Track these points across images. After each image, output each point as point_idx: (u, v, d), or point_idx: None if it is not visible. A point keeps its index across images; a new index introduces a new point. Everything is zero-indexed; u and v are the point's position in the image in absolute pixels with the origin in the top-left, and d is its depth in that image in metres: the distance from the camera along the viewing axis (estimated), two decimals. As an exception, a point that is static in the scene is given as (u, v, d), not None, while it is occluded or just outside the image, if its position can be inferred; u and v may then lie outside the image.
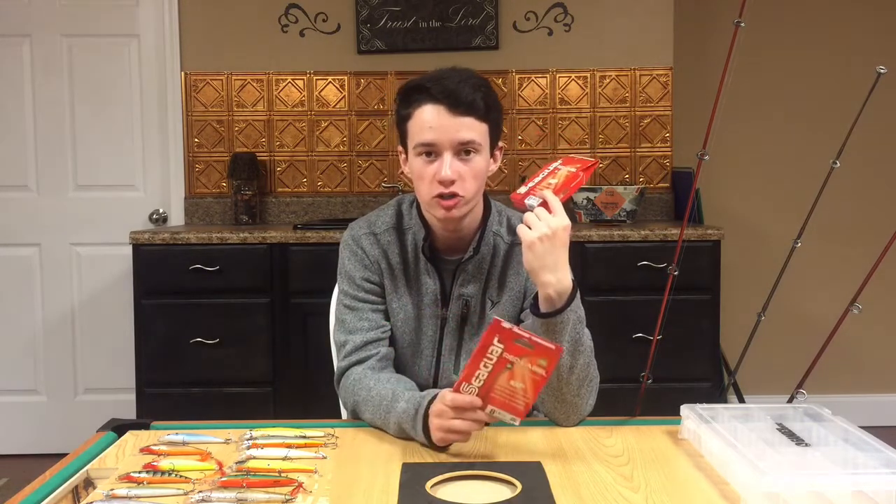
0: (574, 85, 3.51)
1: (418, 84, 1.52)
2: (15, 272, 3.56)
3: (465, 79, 1.51)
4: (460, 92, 1.48)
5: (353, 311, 1.60)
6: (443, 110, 1.48)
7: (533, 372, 1.24)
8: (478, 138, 1.50)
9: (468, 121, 1.49)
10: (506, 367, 1.24)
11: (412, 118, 1.52)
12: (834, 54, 3.72)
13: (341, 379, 1.58)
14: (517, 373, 1.25)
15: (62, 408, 3.56)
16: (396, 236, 1.62)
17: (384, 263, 1.62)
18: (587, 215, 3.27)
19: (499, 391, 1.26)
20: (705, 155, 1.47)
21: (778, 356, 3.29)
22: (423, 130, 1.49)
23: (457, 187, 1.49)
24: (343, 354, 1.58)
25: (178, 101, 3.51)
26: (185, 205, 3.54)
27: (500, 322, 1.24)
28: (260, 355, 2.97)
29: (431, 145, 1.49)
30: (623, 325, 2.89)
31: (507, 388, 1.26)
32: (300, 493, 1.14)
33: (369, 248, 1.62)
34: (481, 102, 1.50)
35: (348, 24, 3.49)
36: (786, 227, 1.91)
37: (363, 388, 1.50)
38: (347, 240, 1.65)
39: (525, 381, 1.25)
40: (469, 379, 1.27)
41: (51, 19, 3.51)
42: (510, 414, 1.27)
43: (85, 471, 1.25)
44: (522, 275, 1.60)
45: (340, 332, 1.61)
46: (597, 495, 1.15)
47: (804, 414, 1.30)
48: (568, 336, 1.39)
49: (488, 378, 1.26)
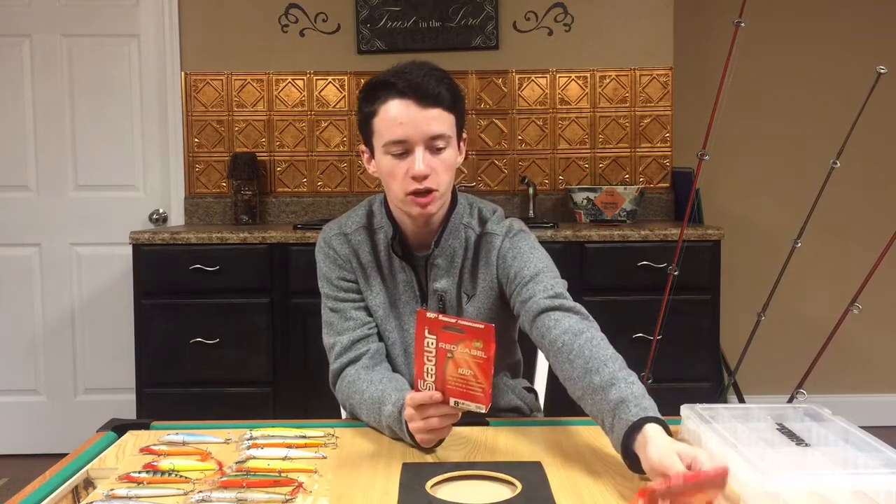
0: (574, 85, 3.51)
1: (382, 80, 1.50)
2: (15, 272, 3.56)
3: (428, 71, 1.49)
4: (426, 84, 1.46)
5: (337, 312, 1.60)
6: (411, 104, 1.46)
7: (473, 356, 1.21)
8: (447, 131, 1.49)
9: (436, 112, 1.47)
10: (447, 356, 1.22)
11: (377, 115, 1.49)
12: (834, 54, 3.72)
13: (336, 381, 1.58)
14: (459, 360, 1.22)
15: (62, 408, 3.56)
16: (367, 235, 1.62)
17: (355, 262, 1.62)
18: (587, 215, 3.27)
19: (452, 382, 1.24)
20: (705, 155, 1.47)
21: (778, 356, 3.29)
22: (393, 126, 1.47)
23: (430, 182, 1.48)
24: (334, 356, 1.59)
25: (178, 101, 3.51)
26: (185, 205, 3.54)
27: (423, 313, 1.23)
28: (260, 355, 2.97)
29: (403, 142, 1.47)
30: (623, 326, 2.89)
31: (458, 378, 1.23)
32: (300, 493, 1.14)
33: (339, 248, 1.63)
34: (447, 94, 1.49)
35: (348, 24, 3.49)
36: (786, 226, 1.91)
37: (356, 391, 1.51)
38: (320, 242, 1.66)
39: (471, 367, 1.21)
40: (421, 375, 1.26)
41: (50, 19, 3.51)
42: (473, 403, 1.23)
43: (85, 471, 1.25)
44: (492, 265, 1.57)
45: (329, 334, 1.61)
46: (597, 495, 1.15)
47: (804, 414, 1.30)
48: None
49: (437, 371, 1.24)
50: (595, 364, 1.31)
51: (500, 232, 1.59)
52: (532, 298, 1.48)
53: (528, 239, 1.59)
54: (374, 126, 1.51)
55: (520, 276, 1.52)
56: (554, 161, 3.53)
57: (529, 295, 1.49)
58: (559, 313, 1.43)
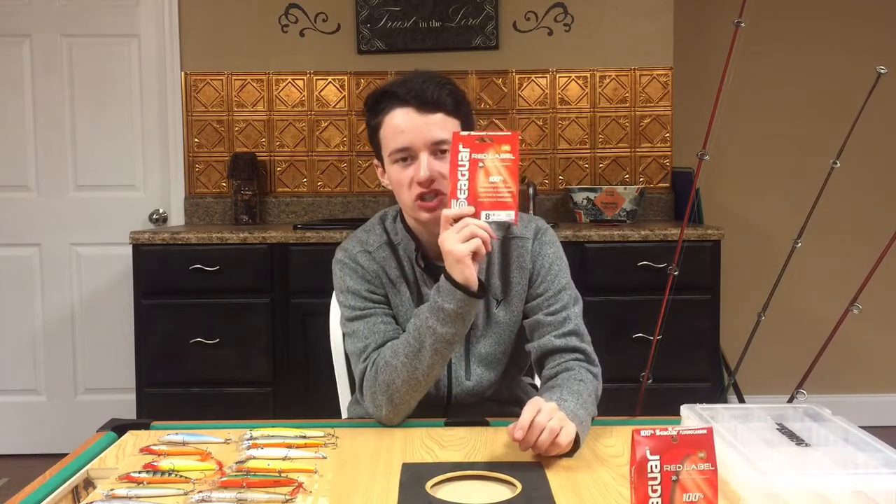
0: (574, 85, 3.51)
1: (384, 91, 1.53)
2: (15, 272, 3.56)
3: (428, 78, 1.51)
4: (426, 90, 1.48)
5: (364, 320, 1.55)
6: (412, 111, 1.48)
7: (502, 160, 1.35)
8: (450, 135, 1.48)
9: (438, 117, 1.49)
10: (479, 166, 1.35)
11: (383, 125, 1.52)
12: (834, 54, 3.72)
13: (364, 378, 1.51)
14: (490, 167, 1.35)
15: (62, 408, 3.56)
16: (391, 251, 1.61)
17: (385, 278, 1.59)
18: (587, 215, 3.27)
19: (484, 193, 1.35)
20: (705, 155, 1.47)
21: (778, 356, 3.29)
22: (396, 135, 1.49)
23: (436, 186, 1.48)
24: (363, 357, 1.53)
25: (178, 101, 3.51)
26: (185, 205, 3.54)
27: (457, 133, 1.38)
28: (260, 355, 2.97)
29: (406, 149, 1.49)
30: (623, 325, 2.89)
31: (489, 187, 1.35)
32: (300, 493, 1.14)
33: (367, 265, 1.59)
34: (448, 98, 1.50)
35: (348, 24, 3.49)
36: (786, 226, 1.91)
37: (387, 347, 1.49)
38: (343, 259, 1.61)
39: (500, 172, 1.35)
40: (455, 195, 1.36)
41: (50, 19, 3.51)
42: (504, 211, 1.35)
43: (85, 471, 1.25)
44: (526, 269, 1.59)
45: (356, 341, 1.55)
46: (597, 495, 1.15)
47: (804, 414, 1.30)
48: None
49: (470, 185, 1.35)
50: (553, 384, 1.46)
51: (529, 235, 1.61)
52: (546, 336, 1.55)
53: (553, 245, 1.63)
54: (381, 137, 1.53)
55: (544, 295, 1.58)
56: (554, 161, 3.53)
57: (545, 329, 1.56)
58: (566, 354, 1.53)
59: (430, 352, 1.43)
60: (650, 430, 1.00)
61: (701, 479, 1.01)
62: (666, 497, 1.00)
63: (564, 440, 1.26)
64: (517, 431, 1.25)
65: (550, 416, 1.26)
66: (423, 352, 1.43)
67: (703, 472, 1.00)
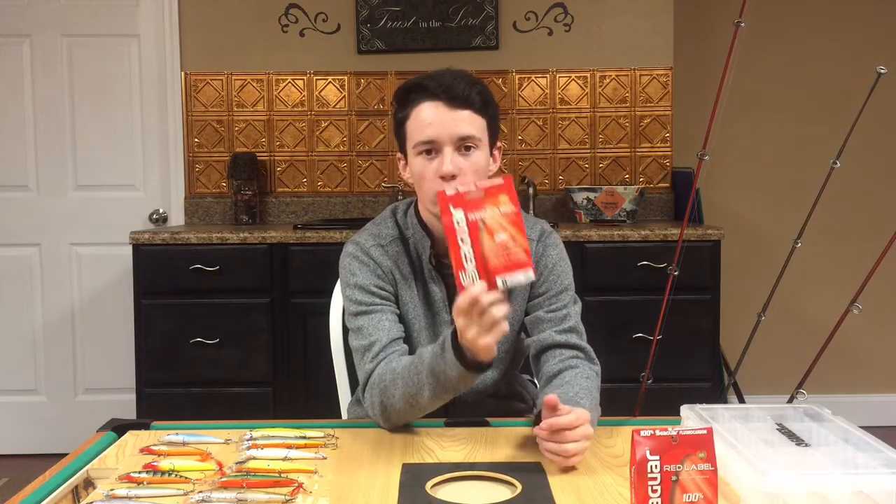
0: (574, 85, 3.51)
1: (415, 83, 1.53)
2: (15, 272, 3.56)
3: (460, 76, 1.52)
4: (457, 86, 1.49)
5: (370, 315, 1.54)
6: (440, 105, 1.49)
7: (503, 213, 1.20)
8: (476, 133, 1.50)
9: (466, 114, 1.49)
10: (479, 227, 1.20)
11: (410, 118, 1.53)
12: (834, 54, 3.72)
13: (368, 379, 1.50)
14: (493, 225, 1.20)
15: (62, 408, 3.56)
16: (403, 247, 1.60)
17: (397, 274, 1.59)
18: (587, 215, 3.27)
19: (493, 255, 1.20)
20: (705, 155, 1.47)
21: (778, 356, 3.29)
22: (423, 128, 1.50)
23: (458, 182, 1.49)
24: (370, 356, 1.51)
25: (178, 101, 3.51)
26: (185, 205, 3.54)
27: (443, 193, 1.23)
28: (260, 355, 2.97)
29: (431, 142, 1.49)
30: (623, 325, 2.89)
31: (498, 248, 1.20)
32: (300, 493, 1.14)
33: (381, 259, 1.58)
34: (477, 97, 1.51)
35: (348, 24, 3.49)
36: (786, 226, 1.91)
37: (388, 371, 1.45)
38: (354, 252, 1.60)
39: (505, 228, 1.20)
40: (461, 266, 1.21)
41: (50, 19, 3.51)
42: (520, 271, 1.20)
43: (85, 471, 1.25)
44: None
45: (361, 337, 1.54)
46: (597, 495, 1.15)
47: (804, 414, 1.30)
48: None
49: (475, 251, 1.20)
50: (562, 381, 1.46)
51: (534, 236, 1.62)
52: (546, 331, 1.55)
53: (557, 246, 1.64)
54: (407, 129, 1.54)
55: (546, 294, 1.59)
56: (554, 161, 3.53)
57: (545, 325, 1.56)
58: (566, 350, 1.53)
59: (428, 397, 1.40)
60: (650, 431, 1.01)
61: (701, 480, 1.02)
62: (666, 497, 1.01)
63: (580, 460, 1.27)
64: (564, 417, 1.24)
65: (589, 437, 1.27)
66: (422, 394, 1.40)
67: (703, 472, 1.02)
